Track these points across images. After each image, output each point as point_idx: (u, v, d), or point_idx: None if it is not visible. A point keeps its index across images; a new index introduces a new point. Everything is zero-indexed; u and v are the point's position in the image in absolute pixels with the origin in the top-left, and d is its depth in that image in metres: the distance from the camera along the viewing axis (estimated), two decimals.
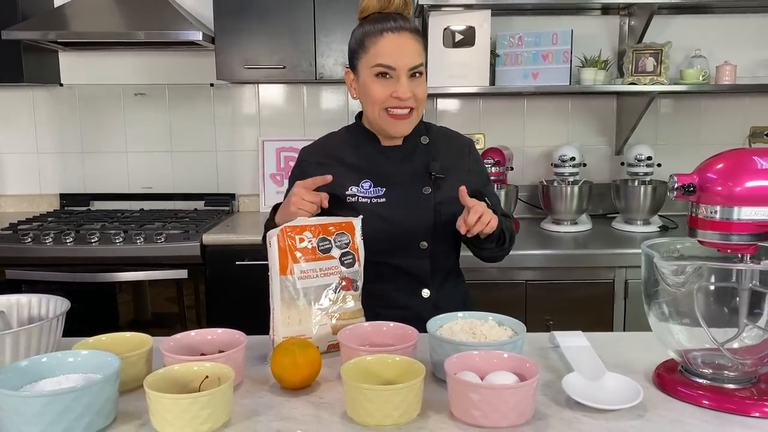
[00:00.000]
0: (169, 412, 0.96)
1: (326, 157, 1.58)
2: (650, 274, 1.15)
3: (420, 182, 1.54)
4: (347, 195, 1.52)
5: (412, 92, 1.47)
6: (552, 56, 2.84)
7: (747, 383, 1.11)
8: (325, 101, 3.23)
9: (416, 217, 1.52)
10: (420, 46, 1.49)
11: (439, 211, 1.52)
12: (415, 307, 1.49)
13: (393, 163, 1.56)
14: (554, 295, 2.55)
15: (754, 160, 1.07)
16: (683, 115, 3.16)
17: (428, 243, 1.53)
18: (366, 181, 1.53)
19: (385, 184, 1.53)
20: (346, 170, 1.54)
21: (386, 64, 1.45)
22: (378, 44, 1.46)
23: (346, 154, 1.58)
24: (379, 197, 1.51)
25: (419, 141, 1.59)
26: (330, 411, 1.07)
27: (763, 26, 3.07)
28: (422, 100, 1.51)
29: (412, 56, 1.46)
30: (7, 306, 1.34)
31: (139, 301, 2.68)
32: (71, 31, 2.81)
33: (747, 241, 1.06)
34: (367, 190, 1.52)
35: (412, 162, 1.56)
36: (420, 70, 1.48)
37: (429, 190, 1.53)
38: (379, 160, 1.56)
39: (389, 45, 1.45)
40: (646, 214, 2.86)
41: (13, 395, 0.95)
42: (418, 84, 1.49)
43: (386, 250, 1.47)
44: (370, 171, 1.54)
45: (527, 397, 1.01)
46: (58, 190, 3.28)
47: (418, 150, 1.58)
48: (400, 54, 1.45)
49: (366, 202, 1.51)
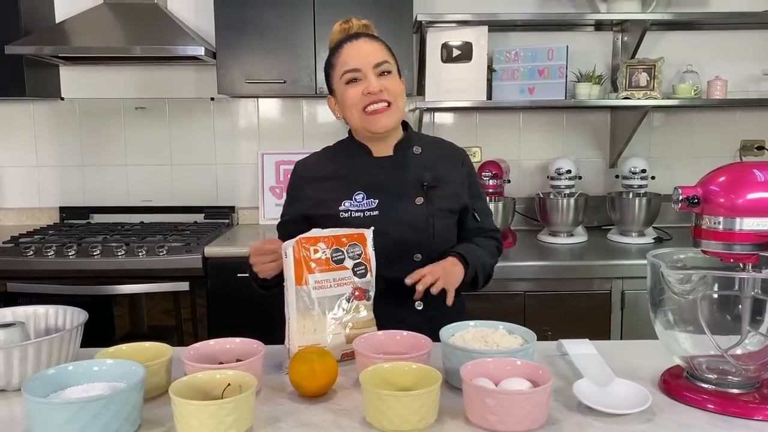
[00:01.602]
0: (195, 418, 0.99)
1: (320, 171, 1.63)
2: (656, 283, 1.19)
3: (412, 193, 1.57)
4: (341, 211, 1.55)
5: (382, 86, 1.52)
6: (548, 71, 2.90)
7: (750, 388, 1.15)
8: (325, 115, 3.26)
9: (409, 229, 1.54)
10: (381, 47, 1.56)
11: (432, 223, 1.55)
12: (409, 320, 1.44)
13: (385, 174, 1.59)
14: (552, 306, 2.59)
15: (754, 173, 1.12)
16: (676, 128, 3.22)
17: (422, 255, 1.55)
18: (359, 193, 1.56)
19: (378, 195, 1.56)
20: (339, 184, 1.58)
21: (351, 68, 1.53)
22: (341, 56, 1.55)
23: (339, 167, 1.62)
24: (372, 210, 1.54)
25: (411, 151, 1.62)
26: (349, 417, 1.10)
27: (753, 42, 3.15)
28: (398, 94, 1.55)
29: (373, 54, 1.53)
30: (24, 317, 1.37)
31: (141, 314, 2.69)
32: (72, 46, 2.84)
33: (749, 250, 1.11)
34: (360, 203, 1.55)
35: (404, 172, 1.59)
36: (387, 68, 1.54)
37: (421, 201, 1.56)
38: (372, 171, 1.59)
39: (349, 52, 1.54)
40: (641, 226, 2.91)
41: (43, 402, 0.97)
42: (389, 80, 1.54)
43: (381, 262, 1.45)
44: (362, 182, 1.57)
45: (541, 403, 1.05)
46: (57, 203, 3.29)
47: (410, 160, 1.61)
48: (361, 55, 1.53)
49: (359, 216, 1.54)
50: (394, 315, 1.48)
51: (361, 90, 1.52)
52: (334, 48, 1.59)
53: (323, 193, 1.58)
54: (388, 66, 1.54)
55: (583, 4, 3.12)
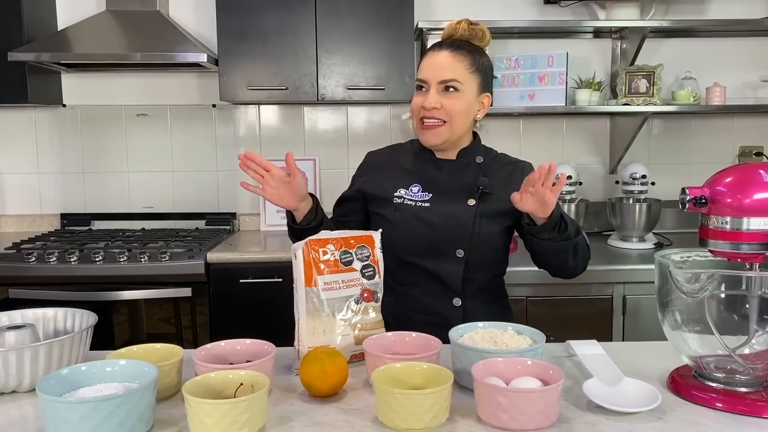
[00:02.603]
0: (209, 417, 0.99)
1: (386, 161, 1.71)
2: (663, 283, 1.20)
3: (466, 194, 1.61)
4: (395, 196, 1.62)
5: (441, 104, 1.55)
6: (548, 78, 2.92)
7: (758, 386, 1.16)
8: (326, 121, 3.28)
9: (455, 225, 1.58)
10: (460, 65, 1.56)
11: (479, 222, 1.57)
12: (445, 315, 1.54)
13: (444, 175, 1.64)
14: (554, 311, 2.60)
15: (760, 174, 1.14)
16: (675, 134, 3.25)
17: (464, 252, 1.57)
18: (416, 185, 1.63)
19: (433, 190, 1.62)
20: (400, 173, 1.66)
21: (420, 78, 1.60)
22: (423, 62, 1.62)
23: (403, 161, 1.70)
24: (425, 201, 1.60)
25: (473, 160, 1.67)
26: (360, 416, 1.11)
27: (750, 49, 3.18)
28: (455, 114, 1.57)
29: (442, 71, 1.56)
30: (33, 320, 1.37)
31: (143, 319, 2.69)
32: (74, 53, 2.86)
33: (756, 250, 1.12)
34: (415, 194, 1.62)
35: (462, 176, 1.64)
36: (453, 85, 1.56)
37: (473, 203, 1.60)
38: (432, 170, 1.65)
39: (426, 62, 1.60)
40: (641, 232, 2.93)
41: (58, 401, 0.97)
42: (450, 97, 1.56)
43: (423, 253, 1.54)
44: (421, 177, 1.64)
45: (552, 401, 1.05)
46: (58, 210, 3.29)
47: (471, 167, 1.66)
48: (432, 69, 1.57)
49: (411, 205, 1.60)
50: (430, 308, 1.56)
51: (422, 101, 1.58)
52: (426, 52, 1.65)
53: (383, 179, 1.67)
54: (455, 84, 1.56)
55: (582, 12, 3.15)
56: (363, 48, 2.88)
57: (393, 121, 3.27)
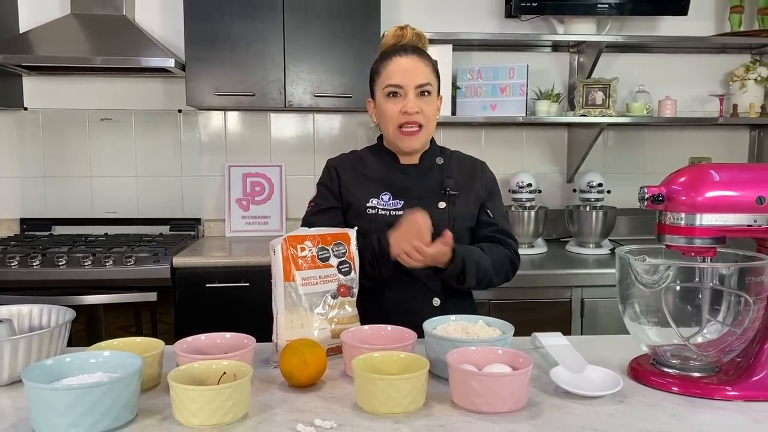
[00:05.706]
0: (195, 403, 1.02)
1: (351, 168, 1.71)
2: (624, 276, 1.28)
3: (435, 198, 1.66)
4: (368, 207, 1.64)
5: (419, 108, 1.60)
6: (509, 89, 3.02)
7: (710, 371, 1.25)
8: (292, 128, 3.32)
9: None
10: (428, 68, 1.63)
11: (453, 226, 1.62)
12: (425, 314, 1.51)
13: (410, 179, 1.68)
14: (516, 314, 2.59)
15: (711, 174, 1.22)
16: (629, 145, 3.39)
17: None
18: (386, 194, 1.65)
19: (403, 197, 1.64)
20: (367, 183, 1.67)
21: (394, 84, 1.61)
22: (388, 68, 1.62)
23: (367, 169, 1.71)
24: (398, 209, 1.63)
25: (434, 161, 1.72)
26: (341, 404, 1.15)
27: (698, 65, 3.35)
28: (431, 118, 1.64)
29: (418, 75, 1.60)
30: (8, 315, 1.37)
31: (106, 325, 2.67)
32: (36, 55, 2.83)
33: (708, 244, 1.21)
34: (387, 203, 1.64)
35: (428, 179, 1.69)
36: (427, 89, 1.61)
37: (444, 205, 1.65)
38: (398, 176, 1.68)
39: (397, 67, 1.61)
40: (597, 238, 3.04)
41: (46, 388, 0.99)
42: (426, 101, 1.62)
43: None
44: (389, 185, 1.66)
45: (523, 385, 1.12)
46: (18, 214, 3.24)
47: (433, 169, 1.71)
48: (406, 74, 1.60)
49: (385, 214, 1.63)
50: (411, 308, 1.59)
51: (399, 107, 1.61)
52: (384, 54, 1.66)
53: (353, 187, 1.68)
54: (429, 87, 1.62)
55: (542, 26, 3.26)
56: (330, 56, 2.93)
57: (359, 128, 3.33)
